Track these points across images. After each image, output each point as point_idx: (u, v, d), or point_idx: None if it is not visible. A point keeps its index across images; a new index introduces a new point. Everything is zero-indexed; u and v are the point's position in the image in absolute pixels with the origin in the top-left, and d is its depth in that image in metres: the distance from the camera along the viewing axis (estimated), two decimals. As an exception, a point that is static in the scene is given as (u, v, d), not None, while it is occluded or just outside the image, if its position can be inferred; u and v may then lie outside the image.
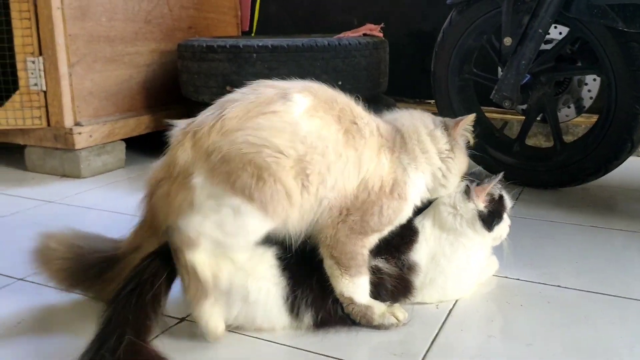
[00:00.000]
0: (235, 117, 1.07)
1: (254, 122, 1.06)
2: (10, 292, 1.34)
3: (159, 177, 1.13)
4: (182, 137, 1.10)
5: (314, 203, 1.10)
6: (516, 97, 1.89)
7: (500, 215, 1.26)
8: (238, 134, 1.06)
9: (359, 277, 1.14)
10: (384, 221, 1.15)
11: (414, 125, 1.23)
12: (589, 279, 1.37)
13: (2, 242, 1.65)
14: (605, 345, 1.10)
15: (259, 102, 1.09)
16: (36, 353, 1.09)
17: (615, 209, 1.89)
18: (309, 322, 1.14)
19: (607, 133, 1.88)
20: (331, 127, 1.10)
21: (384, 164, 1.16)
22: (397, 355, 1.07)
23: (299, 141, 1.07)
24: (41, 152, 2.34)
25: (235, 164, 1.04)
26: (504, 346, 1.11)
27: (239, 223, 1.06)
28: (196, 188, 1.06)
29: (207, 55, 2.30)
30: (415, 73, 2.96)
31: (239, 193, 1.04)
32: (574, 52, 2.03)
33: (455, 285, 1.26)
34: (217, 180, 1.05)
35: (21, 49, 2.18)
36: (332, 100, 1.14)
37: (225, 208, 1.05)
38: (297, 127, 1.07)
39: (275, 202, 1.05)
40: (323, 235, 1.13)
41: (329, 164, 1.09)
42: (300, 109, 1.09)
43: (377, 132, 1.17)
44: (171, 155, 1.11)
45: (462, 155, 1.25)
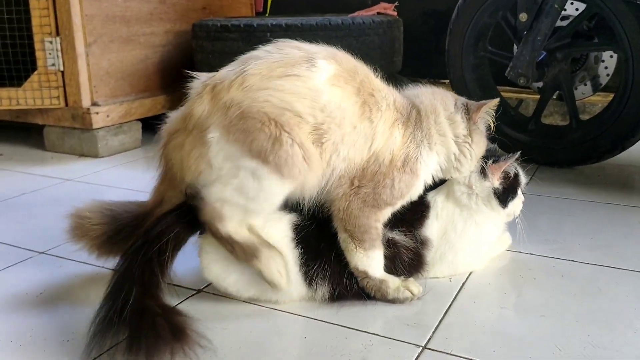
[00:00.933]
0: (257, 74, 1.06)
1: (277, 83, 1.06)
2: (33, 265, 1.37)
3: (175, 128, 1.13)
4: (201, 89, 1.10)
5: (326, 171, 1.11)
6: (531, 74, 1.87)
7: (515, 192, 1.26)
8: (260, 93, 1.05)
9: (372, 251, 1.15)
10: (395, 194, 1.15)
11: (433, 105, 1.21)
12: (603, 254, 1.37)
13: (23, 218, 1.69)
14: (619, 317, 1.10)
15: (283, 62, 1.08)
16: (58, 323, 1.12)
17: (632, 186, 1.88)
18: (323, 293, 1.16)
19: (623, 110, 1.86)
20: (350, 98, 1.11)
21: (396, 138, 1.15)
22: (411, 326, 1.09)
23: (318, 109, 1.07)
24: (60, 132, 2.37)
25: (253, 123, 1.04)
26: (516, 318, 1.12)
27: (258, 186, 1.06)
28: (212, 144, 1.06)
29: (222, 34, 2.31)
30: (429, 52, 2.94)
31: (255, 155, 1.05)
32: (590, 28, 2.00)
33: (465, 260, 1.27)
34: (233, 138, 1.05)
35: (39, 30, 2.21)
36: (354, 70, 1.13)
37: (243, 171, 1.06)
38: (318, 94, 1.07)
39: (290, 165, 1.05)
40: (336, 208, 1.14)
41: (343, 135, 1.10)
42: (323, 76, 1.08)
43: (393, 106, 1.16)
44: (188, 107, 1.11)
45: (481, 139, 1.23)
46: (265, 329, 1.10)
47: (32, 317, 1.14)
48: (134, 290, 1.01)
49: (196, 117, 1.08)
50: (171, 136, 1.13)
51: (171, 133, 1.14)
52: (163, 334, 0.97)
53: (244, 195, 1.07)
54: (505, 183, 1.24)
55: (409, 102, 1.21)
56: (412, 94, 1.24)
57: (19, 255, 1.42)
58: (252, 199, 1.07)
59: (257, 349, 1.03)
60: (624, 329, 1.06)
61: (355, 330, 1.07)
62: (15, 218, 1.69)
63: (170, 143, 1.13)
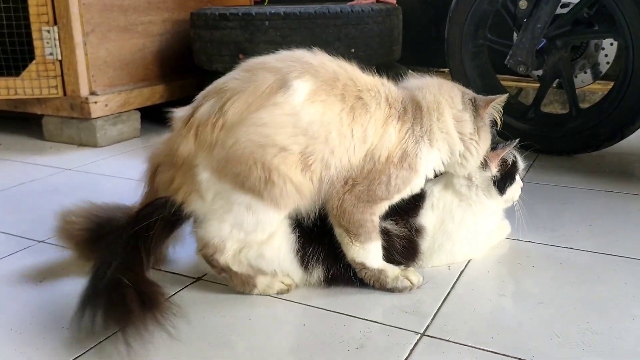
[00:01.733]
0: (236, 112, 1.05)
1: (255, 117, 1.04)
2: (33, 253, 1.38)
3: (160, 160, 1.15)
4: (183, 128, 1.09)
5: (319, 186, 1.10)
6: (531, 62, 1.87)
7: (512, 178, 1.26)
8: (241, 131, 1.04)
9: (369, 243, 1.14)
10: (392, 190, 1.13)
11: (437, 101, 1.17)
12: (602, 241, 1.37)
13: (23, 207, 1.69)
14: (617, 304, 1.11)
15: (258, 93, 1.06)
16: (58, 311, 1.12)
17: (631, 174, 1.88)
18: (319, 276, 1.17)
19: (623, 98, 1.86)
20: (334, 109, 1.08)
21: (391, 135, 1.12)
22: (409, 313, 1.09)
23: (300, 134, 1.05)
24: (58, 122, 2.37)
25: (242, 165, 1.05)
26: (514, 305, 1.12)
27: (255, 219, 1.08)
28: (202, 183, 1.07)
29: (220, 23, 2.30)
30: (429, 41, 2.93)
31: (249, 191, 1.06)
32: (590, 15, 1.99)
33: (463, 250, 1.27)
34: (224, 178, 1.06)
35: (36, 19, 2.20)
36: (333, 78, 1.09)
37: (237, 206, 1.07)
38: (297, 118, 1.05)
39: (285, 198, 1.07)
40: (329, 206, 1.13)
41: (332, 148, 1.08)
42: (300, 97, 1.06)
43: (385, 103, 1.12)
44: (174, 144, 1.10)
45: (487, 135, 1.20)
46: (264, 316, 1.10)
47: (32, 305, 1.15)
48: (112, 265, 1.03)
49: (183, 156, 1.09)
50: (157, 167, 1.15)
51: (156, 164, 1.16)
52: (131, 306, 0.99)
53: (243, 230, 1.09)
54: (503, 170, 1.24)
55: (406, 95, 1.17)
56: (416, 86, 1.20)
57: (18, 244, 1.42)
58: (249, 232, 1.10)
59: (257, 336, 1.04)
60: (622, 315, 1.07)
61: (354, 318, 1.08)
62: (15, 207, 1.69)
63: (158, 175, 1.15)
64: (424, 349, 0.98)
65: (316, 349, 0.99)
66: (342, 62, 1.14)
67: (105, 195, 1.76)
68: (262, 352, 0.99)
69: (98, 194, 1.78)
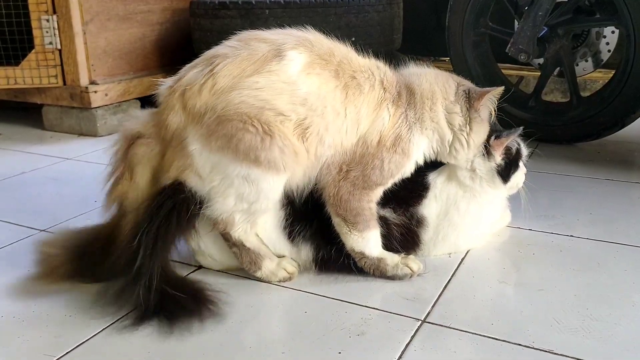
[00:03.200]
0: (228, 75, 1.02)
1: (250, 81, 1.02)
2: (34, 243, 1.36)
3: (143, 131, 1.10)
4: (169, 97, 1.06)
5: (314, 162, 1.09)
6: (532, 50, 1.86)
7: (516, 165, 1.26)
8: (233, 94, 1.02)
9: (367, 232, 1.14)
10: (385, 175, 1.13)
11: (432, 90, 1.17)
12: (602, 229, 1.37)
13: (24, 197, 1.69)
14: (618, 291, 1.11)
15: (252, 59, 1.04)
16: (60, 299, 1.13)
17: (632, 162, 1.88)
18: (307, 254, 1.17)
19: (624, 86, 1.85)
20: (329, 84, 1.07)
21: (384, 119, 1.12)
22: (410, 300, 1.10)
23: (299, 104, 1.04)
24: (58, 111, 2.36)
25: (234, 125, 1.01)
26: (515, 292, 1.13)
27: (257, 189, 1.06)
28: (195, 156, 1.04)
29: (220, 12, 2.29)
30: (429, 29, 2.91)
31: (244, 158, 1.02)
32: (592, 3, 1.98)
33: (467, 240, 1.27)
34: (215, 146, 1.03)
35: (35, 7, 2.19)
36: (329, 53, 1.09)
37: (236, 179, 1.05)
38: (295, 87, 1.04)
39: (285, 156, 1.04)
40: (326, 194, 1.13)
41: (327, 124, 1.07)
42: (296, 67, 1.04)
43: (379, 86, 1.12)
44: (161, 116, 1.07)
45: (482, 128, 1.19)
46: (265, 303, 1.10)
47: (34, 293, 1.15)
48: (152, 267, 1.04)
49: (172, 129, 1.05)
50: (137, 138, 1.10)
51: (137, 135, 1.10)
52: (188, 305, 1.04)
53: (245, 201, 1.08)
54: (507, 158, 1.24)
55: (401, 81, 1.17)
56: (413, 74, 1.20)
57: (19, 233, 1.42)
58: (254, 202, 1.08)
59: (258, 324, 1.04)
60: (622, 302, 1.07)
61: (355, 305, 1.08)
62: (15, 197, 1.69)
63: (138, 148, 1.09)
64: (424, 335, 0.99)
65: (317, 335, 0.99)
66: (337, 42, 1.13)
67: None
68: (263, 339, 1.00)
69: (98, 183, 1.78)
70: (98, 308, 1.07)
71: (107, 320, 1.04)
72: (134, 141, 1.11)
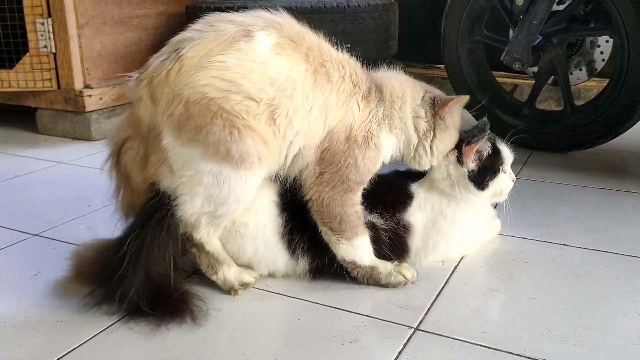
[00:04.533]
0: (195, 55, 0.99)
1: (218, 60, 0.99)
2: (27, 247, 1.37)
3: (124, 136, 1.08)
4: (137, 88, 1.03)
5: (283, 146, 1.06)
6: (527, 59, 1.87)
7: (494, 171, 1.23)
8: (200, 75, 0.98)
9: (356, 239, 1.13)
10: (363, 172, 1.12)
11: (402, 90, 1.16)
12: (595, 238, 1.38)
13: (17, 200, 1.68)
14: (609, 300, 1.11)
15: (220, 40, 1.00)
16: (52, 304, 1.12)
17: (625, 171, 1.89)
18: (304, 265, 1.17)
19: (618, 95, 1.86)
20: (299, 66, 1.04)
21: (353, 113, 1.10)
22: (403, 307, 1.09)
23: (268, 83, 1.01)
24: (52, 115, 2.35)
25: (202, 118, 0.98)
26: (507, 299, 1.13)
27: (227, 189, 1.02)
28: (168, 150, 1.02)
29: (216, 17, 2.29)
30: (425, 37, 2.93)
31: (214, 153, 0.99)
32: (587, 12, 1.99)
33: (457, 247, 1.27)
34: (186, 138, 0.99)
35: (30, 11, 2.18)
36: (299, 37, 1.06)
37: (206, 176, 1.01)
38: (265, 67, 1.01)
39: (254, 149, 1.00)
40: (309, 200, 1.12)
41: (296, 107, 1.04)
42: (265, 47, 1.01)
43: (349, 79, 1.10)
44: (133, 112, 1.05)
45: (447, 135, 1.18)
46: (259, 310, 1.10)
47: (27, 298, 1.15)
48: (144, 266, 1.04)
49: (145, 122, 1.03)
50: (122, 146, 1.08)
51: (120, 142, 1.09)
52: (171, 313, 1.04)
53: (213, 202, 1.04)
54: (481, 163, 1.22)
55: (372, 80, 1.16)
56: (382, 75, 1.20)
57: (12, 237, 1.42)
58: (222, 204, 1.04)
59: (251, 330, 1.04)
60: (613, 311, 1.07)
61: (348, 312, 1.08)
62: (9, 200, 1.68)
63: (126, 154, 1.08)
64: (417, 343, 0.99)
65: (311, 342, 0.99)
66: (309, 30, 1.10)
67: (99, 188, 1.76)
68: (256, 346, 0.99)
69: (92, 187, 1.78)
70: (89, 314, 1.07)
71: (99, 326, 1.04)
72: (120, 149, 1.09)
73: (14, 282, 1.21)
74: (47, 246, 1.37)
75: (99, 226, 1.49)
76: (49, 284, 1.20)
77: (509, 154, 1.27)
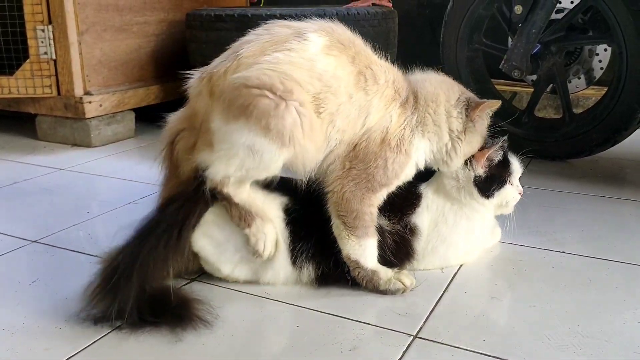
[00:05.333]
0: (251, 55, 1.07)
1: (271, 57, 1.06)
2: (25, 253, 1.37)
3: (179, 128, 1.15)
4: (198, 84, 1.11)
5: (323, 142, 1.11)
6: (526, 67, 1.88)
7: (501, 181, 1.24)
8: (254, 68, 1.06)
9: (365, 239, 1.15)
10: (390, 175, 1.14)
11: (436, 93, 1.19)
12: (594, 246, 1.38)
13: (16, 207, 1.68)
14: (609, 308, 1.11)
15: (274, 40, 1.09)
16: (50, 311, 1.12)
17: (624, 179, 1.89)
18: (309, 274, 1.17)
19: (616, 103, 1.87)
20: (345, 67, 1.10)
21: (391, 117, 1.14)
22: (402, 315, 1.09)
23: (316, 78, 1.07)
24: (52, 121, 2.36)
25: (251, 92, 1.04)
26: (506, 307, 1.13)
27: (259, 159, 1.06)
28: (215, 131, 1.07)
29: (216, 24, 2.30)
30: (424, 44, 2.94)
31: (255, 124, 1.03)
32: (585, 21, 2.01)
33: (457, 253, 1.27)
34: (232, 115, 1.05)
35: (31, 17, 2.19)
36: (348, 41, 1.13)
37: (242, 149, 1.05)
38: (313, 63, 1.08)
39: (295, 128, 1.04)
40: (330, 190, 1.14)
41: (339, 105, 1.10)
42: (316, 47, 1.09)
43: (392, 84, 1.15)
44: (191, 106, 1.12)
45: (474, 138, 1.20)
46: (258, 317, 1.10)
47: (25, 305, 1.14)
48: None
49: (201, 114, 1.09)
50: (176, 137, 1.15)
51: (175, 134, 1.15)
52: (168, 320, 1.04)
53: (244, 169, 1.08)
54: (489, 170, 1.22)
55: (409, 86, 1.19)
56: (418, 79, 1.23)
57: (11, 244, 1.42)
58: (251, 169, 1.09)
59: (250, 338, 1.04)
60: (613, 319, 1.07)
61: (347, 320, 1.08)
62: (8, 207, 1.68)
63: (178, 143, 1.14)
64: (416, 351, 0.99)
65: (309, 350, 0.99)
66: (359, 37, 1.17)
67: (98, 195, 1.76)
68: (256, 353, 0.99)
69: (92, 194, 1.78)
70: (87, 321, 1.06)
71: (97, 334, 1.03)
72: (174, 140, 1.15)
73: (13, 288, 1.21)
74: (46, 253, 1.37)
75: (98, 233, 1.48)
76: (47, 291, 1.20)
77: (518, 166, 1.28)
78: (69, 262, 1.32)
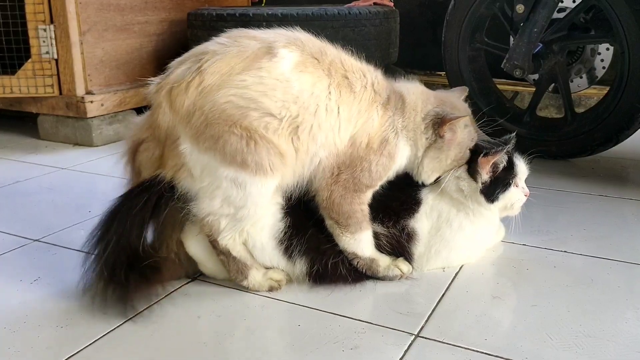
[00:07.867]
0: (216, 72, 1.01)
1: (238, 79, 1.01)
2: (27, 252, 1.37)
3: (142, 137, 1.11)
4: (157, 94, 1.05)
5: (305, 160, 1.09)
6: (527, 66, 1.87)
7: (505, 184, 1.22)
8: (220, 94, 1.01)
9: (359, 233, 1.15)
10: (374, 177, 1.14)
11: (416, 103, 1.18)
12: (596, 245, 1.37)
13: (17, 206, 1.68)
14: (611, 307, 1.11)
15: (242, 56, 1.03)
16: (52, 309, 1.12)
17: (626, 178, 1.89)
18: (301, 268, 1.17)
19: (618, 102, 1.86)
20: (322, 82, 1.07)
21: (373, 120, 1.13)
22: (404, 314, 1.09)
23: (292, 101, 1.04)
24: (54, 121, 2.36)
25: (220, 127, 1.01)
26: (508, 307, 1.13)
27: (244, 194, 1.05)
28: (186, 155, 1.05)
29: (217, 24, 2.29)
30: (426, 44, 2.93)
31: (231, 161, 1.02)
32: (587, 20, 2.00)
33: (460, 257, 1.27)
34: (204, 147, 1.03)
35: (33, 17, 2.19)
36: (320, 53, 1.09)
37: (224, 182, 1.04)
38: (288, 85, 1.03)
39: (272, 157, 1.03)
40: (319, 198, 1.14)
41: (320, 122, 1.07)
42: (288, 64, 1.04)
43: (370, 87, 1.13)
44: (152, 117, 1.07)
45: (444, 155, 1.17)
46: (259, 316, 1.10)
47: (26, 303, 1.14)
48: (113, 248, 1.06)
49: (163, 128, 1.06)
50: (139, 145, 1.11)
51: (137, 143, 1.11)
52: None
53: (231, 205, 1.07)
54: (494, 175, 1.21)
55: (393, 89, 1.18)
56: (403, 86, 1.21)
57: (13, 243, 1.42)
58: (240, 207, 1.07)
59: (251, 336, 1.03)
60: (615, 319, 1.07)
61: (349, 318, 1.08)
62: (9, 206, 1.68)
63: (141, 154, 1.11)
64: (418, 350, 0.99)
65: (311, 349, 0.99)
66: (328, 44, 1.13)
67: (100, 194, 1.76)
68: (257, 352, 0.99)
69: (93, 193, 1.78)
70: (90, 319, 1.07)
71: (99, 331, 1.03)
72: (137, 148, 1.13)
73: (15, 287, 1.21)
74: (47, 252, 1.37)
75: (100, 232, 1.48)
76: (49, 290, 1.20)
77: (524, 168, 1.26)
78: (71, 261, 1.32)
